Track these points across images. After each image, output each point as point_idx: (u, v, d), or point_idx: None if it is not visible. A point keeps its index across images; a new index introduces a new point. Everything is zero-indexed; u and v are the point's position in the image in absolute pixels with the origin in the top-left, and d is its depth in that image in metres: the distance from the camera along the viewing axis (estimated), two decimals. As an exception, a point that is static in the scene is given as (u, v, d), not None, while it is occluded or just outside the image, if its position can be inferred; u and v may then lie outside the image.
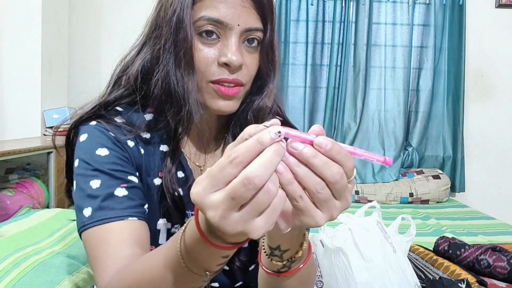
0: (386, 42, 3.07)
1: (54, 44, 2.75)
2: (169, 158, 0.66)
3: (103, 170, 0.62)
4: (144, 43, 0.69)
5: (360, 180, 2.95)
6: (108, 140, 0.64)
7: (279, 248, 0.51)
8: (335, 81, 3.08)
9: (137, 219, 0.61)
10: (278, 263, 0.52)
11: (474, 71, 3.12)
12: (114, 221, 0.59)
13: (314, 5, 3.05)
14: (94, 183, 0.61)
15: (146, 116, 0.68)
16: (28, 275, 0.90)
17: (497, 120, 3.15)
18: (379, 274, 0.97)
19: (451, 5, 3.03)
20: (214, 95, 0.64)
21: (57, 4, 2.77)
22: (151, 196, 0.67)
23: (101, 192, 0.60)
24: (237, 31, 0.61)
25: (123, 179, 0.62)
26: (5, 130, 2.57)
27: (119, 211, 0.60)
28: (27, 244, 1.04)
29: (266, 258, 0.53)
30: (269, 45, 0.65)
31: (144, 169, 0.67)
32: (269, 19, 0.64)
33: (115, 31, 3.03)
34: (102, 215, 0.59)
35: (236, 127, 0.71)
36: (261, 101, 0.69)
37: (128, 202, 0.61)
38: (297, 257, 0.52)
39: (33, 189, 2.06)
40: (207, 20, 0.60)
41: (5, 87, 2.58)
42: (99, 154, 0.63)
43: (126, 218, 0.60)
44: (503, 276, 1.29)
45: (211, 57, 0.62)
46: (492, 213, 2.59)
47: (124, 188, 0.62)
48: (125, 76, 0.69)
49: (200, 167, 0.73)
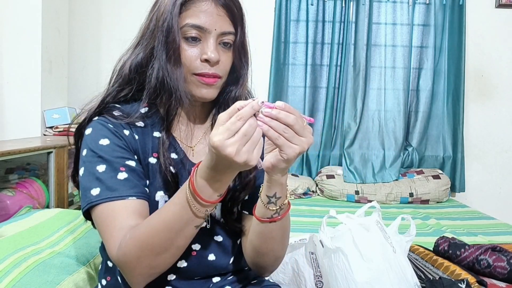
0: (386, 42, 3.07)
1: (54, 44, 2.76)
2: (162, 141, 0.80)
3: (106, 157, 0.75)
4: (137, 44, 0.84)
5: (360, 180, 2.95)
6: (108, 132, 0.78)
7: (275, 195, 0.74)
8: (335, 81, 3.08)
9: (136, 198, 0.74)
10: (272, 209, 0.75)
11: (474, 71, 3.13)
12: (118, 199, 0.72)
13: (314, 5, 3.06)
14: (100, 168, 0.74)
15: (142, 110, 0.83)
16: (28, 275, 0.90)
17: (497, 120, 3.15)
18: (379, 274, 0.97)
19: (451, 5, 3.04)
20: (198, 84, 0.80)
21: (57, 4, 2.77)
22: (149, 173, 0.80)
23: (107, 176, 0.74)
24: (214, 34, 0.78)
25: (123, 164, 0.76)
26: (5, 130, 2.57)
27: (122, 191, 0.73)
28: (27, 244, 1.04)
29: (263, 207, 0.75)
30: (240, 45, 0.82)
31: (140, 152, 0.80)
32: (239, 24, 0.80)
33: (115, 31, 3.03)
34: (109, 194, 0.72)
35: (219, 111, 0.86)
36: (238, 90, 0.86)
37: (128, 183, 0.74)
38: (284, 204, 0.75)
39: (33, 189, 2.06)
40: (191, 26, 0.77)
41: (5, 87, 2.58)
42: (102, 144, 0.76)
43: (127, 198, 0.73)
44: (503, 276, 1.29)
45: (194, 55, 0.78)
46: (492, 213, 2.59)
47: (124, 172, 0.75)
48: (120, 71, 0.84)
49: (191, 147, 0.87)
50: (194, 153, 0.86)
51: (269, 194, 0.74)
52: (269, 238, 0.80)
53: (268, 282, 0.94)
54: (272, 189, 0.73)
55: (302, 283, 1.12)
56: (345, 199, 2.88)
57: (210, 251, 0.84)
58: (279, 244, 0.82)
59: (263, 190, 0.75)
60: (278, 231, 0.79)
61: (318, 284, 1.10)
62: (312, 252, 1.15)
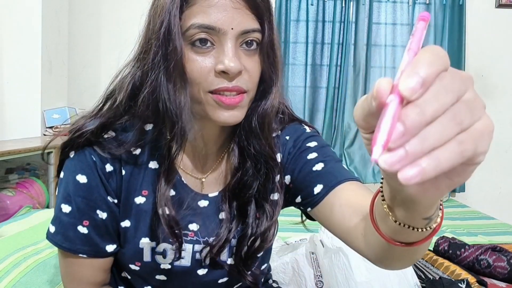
0: (386, 42, 3.07)
1: (54, 44, 2.75)
2: (163, 179, 0.63)
3: (75, 200, 0.64)
4: (135, 60, 0.65)
5: (361, 180, 2.95)
6: (88, 167, 0.64)
7: (439, 209, 0.41)
8: (335, 81, 3.08)
9: (87, 256, 0.66)
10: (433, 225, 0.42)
11: (474, 71, 3.12)
12: (67, 251, 0.66)
13: (314, 5, 3.05)
14: (65, 208, 0.65)
15: (146, 127, 0.65)
16: (28, 275, 0.90)
17: (497, 120, 3.12)
18: (379, 274, 0.97)
19: (451, 5, 3.03)
20: (215, 106, 0.59)
21: (57, 4, 2.77)
22: (133, 214, 0.67)
23: (68, 220, 0.65)
24: (232, 35, 0.57)
25: (89, 215, 0.65)
26: (5, 130, 2.57)
27: (76, 244, 0.65)
28: (27, 244, 1.04)
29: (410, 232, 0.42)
30: (269, 45, 0.61)
31: (124, 189, 0.66)
32: (265, 17, 0.59)
33: (115, 31, 3.03)
34: (61, 240, 0.66)
35: (241, 136, 0.67)
36: (266, 106, 0.64)
37: (85, 240, 0.65)
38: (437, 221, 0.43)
39: (33, 189, 2.06)
40: (198, 27, 0.56)
41: (5, 87, 2.57)
42: (78, 180, 0.64)
43: (77, 254, 0.66)
44: (503, 276, 1.28)
45: (207, 66, 0.58)
46: (492, 213, 2.59)
47: (85, 227, 0.65)
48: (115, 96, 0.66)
49: (201, 179, 0.70)
50: (205, 186, 0.70)
51: (427, 215, 0.40)
52: (399, 256, 0.52)
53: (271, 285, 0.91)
54: (433, 205, 0.40)
55: (302, 283, 1.12)
56: (345, 199, 2.88)
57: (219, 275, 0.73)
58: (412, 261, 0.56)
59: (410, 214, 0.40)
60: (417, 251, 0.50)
61: (318, 284, 1.10)
62: (312, 252, 1.15)
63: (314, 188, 0.67)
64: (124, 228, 0.67)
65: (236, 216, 0.70)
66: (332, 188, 0.66)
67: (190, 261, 0.69)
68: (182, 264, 0.69)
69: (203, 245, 0.69)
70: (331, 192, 0.66)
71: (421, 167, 0.26)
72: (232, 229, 0.69)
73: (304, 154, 0.71)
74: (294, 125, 0.76)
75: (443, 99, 0.26)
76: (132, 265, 0.69)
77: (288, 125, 0.75)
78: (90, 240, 0.65)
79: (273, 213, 0.69)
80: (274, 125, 0.71)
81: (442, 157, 0.26)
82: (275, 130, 0.72)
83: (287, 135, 0.74)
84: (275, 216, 0.70)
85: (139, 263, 0.68)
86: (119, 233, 0.68)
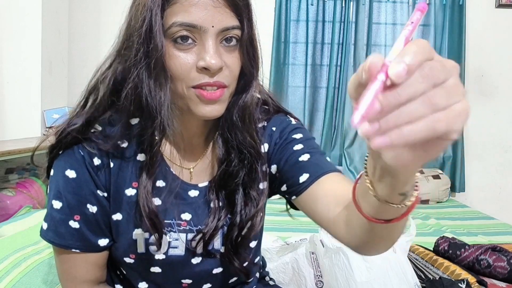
0: (386, 42, 3.07)
1: (54, 44, 2.75)
2: (145, 172, 0.65)
3: (66, 196, 0.66)
4: (116, 55, 0.67)
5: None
6: (76, 161, 0.65)
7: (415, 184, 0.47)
8: (335, 81, 3.08)
9: (80, 251, 0.68)
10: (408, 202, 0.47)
11: (474, 71, 3.12)
12: (60, 247, 0.68)
13: (314, 5, 3.06)
14: (56, 204, 0.66)
15: (132, 121, 0.67)
16: (28, 275, 0.90)
17: (497, 120, 3.15)
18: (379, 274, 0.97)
19: (451, 5, 3.03)
20: (197, 101, 0.62)
21: (57, 4, 2.77)
22: (124, 206, 0.68)
23: (59, 216, 0.66)
24: (212, 32, 0.59)
25: (80, 209, 0.66)
26: (5, 130, 2.57)
27: (68, 240, 0.67)
28: (27, 244, 1.04)
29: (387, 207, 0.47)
30: (248, 42, 0.63)
31: (113, 182, 0.67)
32: (244, 15, 0.62)
33: (115, 31, 3.02)
34: (53, 237, 0.67)
35: (224, 128, 0.70)
36: (246, 99, 0.67)
37: (77, 235, 0.67)
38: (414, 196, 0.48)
39: (33, 189, 2.06)
40: (180, 25, 0.58)
41: (5, 87, 2.58)
42: (67, 176, 0.65)
43: (70, 249, 0.67)
44: (503, 276, 1.29)
45: (189, 63, 0.60)
46: (492, 213, 2.59)
47: (77, 222, 0.66)
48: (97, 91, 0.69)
49: (189, 169, 0.72)
50: (193, 176, 0.73)
51: (403, 190, 0.46)
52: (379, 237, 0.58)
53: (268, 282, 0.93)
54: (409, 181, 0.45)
55: (302, 283, 1.12)
56: (345, 199, 2.88)
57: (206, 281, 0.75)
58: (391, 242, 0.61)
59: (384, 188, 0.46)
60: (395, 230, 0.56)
61: (318, 284, 1.10)
62: (312, 252, 1.15)
63: (300, 177, 0.70)
64: (115, 221, 0.68)
65: (226, 204, 0.72)
66: (317, 178, 0.68)
67: (184, 250, 0.71)
68: (176, 253, 0.71)
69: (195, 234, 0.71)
70: (316, 181, 0.68)
71: (390, 138, 0.31)
72: (221, 217, 0.71)
73: (290, 145, 0.73)
74: (279, 116, 0.78)
75: (419, 85, 0.31)
76: (126, 258, 0.70)
77: (274, 116, 0.78)
78: (82, 235, 0.67)
79: (259, 201, 0.72)
80: (259, 116, 0.74)
81: (410, 131, 0.31)
82: (260, 121, 0.75)
83: (273, 126, 0.76)
84: (261, 204, 0.72)
85: (134, 255, 0.70)
86: (111, 227, 0.69)
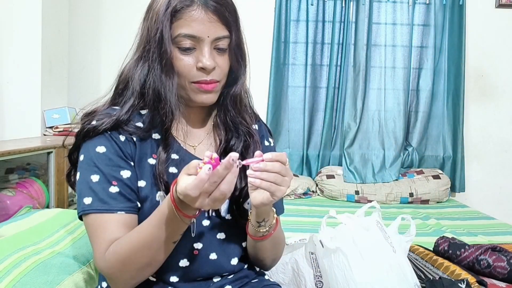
0: (386, 42, 3.07)
1: (54, 44, 2.76)
2: (161, 146, 0.82)
3: (101, 168, 0.78)
4: (140, 57, 0.83)
5: (360, 180, 2.95)
6: (104, 138, 0.80)
7: (264, 220, 0.82)
8: (335, 81, 3.08)
9: (125, 212, 0.77)
10: (262, 230, 0.82)
11: (474, 71, 3.12)
12: (107, 212, 0.76)
13: (314, 5, 3.06)
14: (94, 177, 0.77)
15: (142, 111, 0.85)
16: (28, 275, 0.90)
17: (497, 120, 3.15)
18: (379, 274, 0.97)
19: (451, 5, 3.03)
20: (197, 91, 0.82)
21: (57, 4, 2.77)
22: (149, 173, 0.81)
23: (99, 187, 0.77)
24: (207, 41, 0.79)
25: (116, 177, 0.78)
26: (5, 130, 2.57)
27: (112, 205, 0.76)
28: (27, 244, 1.04)
29: (254, 229, 0.83)
30: (236, 46, 0.83)
31: (138, 154, 0.82)
32: (233, 27, 0.81)
33: (115, 31, 3.03)
34: (100, 205, 0.76)
35: (220, 113, 0.90)
36: (236, 89, 0.88)
37: (119, 198, 0.77)
38: (272, 223, 0.83)
39: (33, 189, 2.06)
40: (184, 36, 0.78)
41: (5, 87, 2.58)
42: (98, 152, 0.79)
43: (116, 212, 0.76)
44: (503, 276, 1.29)
45: (190, 64, 0.80)
46: (492, 213, 2.59)
47: (116, 186, 0.77)
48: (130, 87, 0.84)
49: (193, 146, 0.89)
50: (196, 152, 0.88)
51: (259, 220, 0.81)
52: (263, 249, 0.88)
53: (268, 282, 0.94)
54: (261, 216, 0.81)
55: (302, 283, 1.12)
56: (345, 199, 2.88)
57: (212, 250, 0.85)
58: (273, 253, 0.92)
59: (252, 216, 0.83)
60: (270, 243, 0.87)
61: (318, 284, 1.10)
62: (312, 252, 1.15)
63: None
64: (140, 188, 0.80)
65: None
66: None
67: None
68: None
69: None
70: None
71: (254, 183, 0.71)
72: None
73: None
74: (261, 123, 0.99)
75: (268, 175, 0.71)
76: None
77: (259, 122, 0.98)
78: (123, 197, 0.77)
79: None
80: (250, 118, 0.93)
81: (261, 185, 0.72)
82: (253, 123, 0.94)
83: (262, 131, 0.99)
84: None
85: None
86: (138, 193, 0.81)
